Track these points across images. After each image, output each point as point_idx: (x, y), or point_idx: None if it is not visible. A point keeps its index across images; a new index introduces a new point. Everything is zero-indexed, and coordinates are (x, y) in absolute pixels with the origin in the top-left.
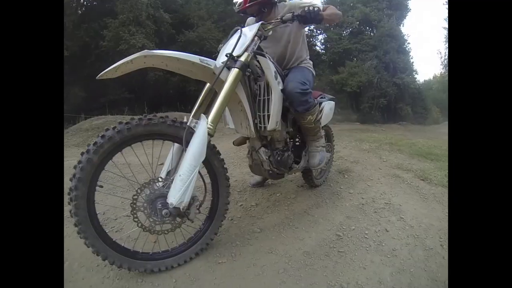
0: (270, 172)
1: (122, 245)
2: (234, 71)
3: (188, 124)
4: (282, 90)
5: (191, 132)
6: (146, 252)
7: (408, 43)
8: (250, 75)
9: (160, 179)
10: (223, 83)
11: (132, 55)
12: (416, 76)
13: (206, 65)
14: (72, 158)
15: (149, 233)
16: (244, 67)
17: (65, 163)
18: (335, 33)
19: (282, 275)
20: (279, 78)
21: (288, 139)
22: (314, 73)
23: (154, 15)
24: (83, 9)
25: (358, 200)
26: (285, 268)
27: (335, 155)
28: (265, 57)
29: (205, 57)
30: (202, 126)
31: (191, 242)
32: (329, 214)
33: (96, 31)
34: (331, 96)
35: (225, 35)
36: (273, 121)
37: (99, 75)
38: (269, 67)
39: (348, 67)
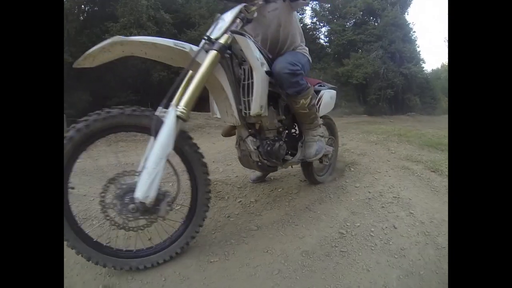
0: (259, 163)
1: (104, 244)
2: (212, 53)
3: (156, 113)
4: (270, 73)
5: (160, 121)
6: (129, 249)
7: (414, 31)
8: (233, 59)
9: (129, 173)
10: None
11: (104, 41)
12: (423, 65)
13: (181, 49)
14: (79, 160)
15: (124, 230)
16: (222, 49)
17: None
18: (338, 25)
19: (276, 277)
20: (262, 59)
21: (281, 129)
22: (311, 60)
23: (154, 16)
24: (85, 15)
25: (365, 195)
26: (280, 269)
27: (341, 148)
28: (245, 36)
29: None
30: (171, 115)
31: (175, 236)
32: (332, 210)
33: (98, 35)
34: (331, 85)
35: None
36: (257, 104)
37: (75, 63)
38: (249, 46)
39: (353, 59)
